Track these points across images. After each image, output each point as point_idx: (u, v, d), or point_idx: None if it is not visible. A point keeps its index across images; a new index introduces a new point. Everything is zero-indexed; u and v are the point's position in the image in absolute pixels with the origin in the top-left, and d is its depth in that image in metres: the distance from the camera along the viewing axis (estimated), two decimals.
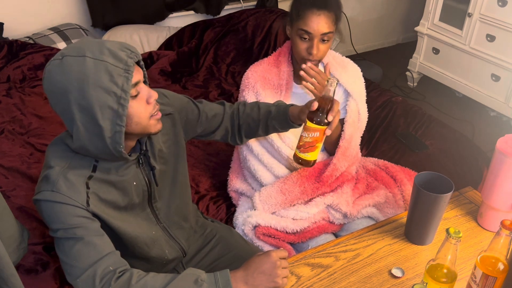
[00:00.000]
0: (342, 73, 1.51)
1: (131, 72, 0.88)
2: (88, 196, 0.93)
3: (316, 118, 1.09)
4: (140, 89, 0.93)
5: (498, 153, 1.11)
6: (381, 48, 4.04)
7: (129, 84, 0.87)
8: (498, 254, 0.90)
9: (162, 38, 2.74)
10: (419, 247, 1.16)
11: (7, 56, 2.29)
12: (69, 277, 0.93)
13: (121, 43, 0.91)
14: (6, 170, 1.72)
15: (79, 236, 0.91)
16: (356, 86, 1.54)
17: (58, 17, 2.57)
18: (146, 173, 1.06)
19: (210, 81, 2.57)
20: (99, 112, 0.86)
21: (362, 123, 1.58)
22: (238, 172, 1.68)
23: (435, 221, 1.12)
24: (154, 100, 0.96)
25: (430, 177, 1.13)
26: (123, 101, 0.87)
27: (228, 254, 1.31)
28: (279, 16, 2.77)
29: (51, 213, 0.92)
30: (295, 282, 1.06)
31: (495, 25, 2.65)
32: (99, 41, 0.90)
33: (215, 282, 0.95)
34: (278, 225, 1.46)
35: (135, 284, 0.91)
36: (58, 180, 0.91)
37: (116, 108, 0.87)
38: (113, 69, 0.86)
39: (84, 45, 0.88)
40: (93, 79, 0.85)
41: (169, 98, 1.13)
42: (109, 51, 0.87)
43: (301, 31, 1.35)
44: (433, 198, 1.07)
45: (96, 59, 0.85)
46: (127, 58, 0.88)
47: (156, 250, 1.12)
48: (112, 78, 0.86)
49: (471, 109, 3.06)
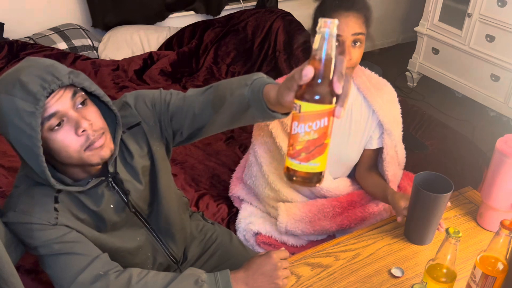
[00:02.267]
0: (377, 98, 1.34)
1: (40, 107, 0.78)
2: (56, 210, 0.89)
3: (314, 93, 0.64)
4: (66, 118, 0.83)
5: (497, 153, 1.11)
6: (381, 48, 4.05)
7: (38, 121, 0.78)
8: (498, 254, 0.90)
9: (162, 38, 2.74)
10: (419, 247, 1.16)
11: (7, 56, 2.29)
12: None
13: (48, 68, 0.82)
14: (6, 170, 1.72)
15: (58, 250, 0.88)
16: (392, 115, 1.37)
17: (59, 17, 2.57)
18: (122, 195, 0.98)
19: (210, 81, 2.58)
20: (22, 151, 0.82)
21: (401, 158, 1.43)
22: (241, 179, 1.64)
23: (435, 221, 1.12)
24: (83, 132, 0.84)
25: (429, 177, 1.13)
26: (35, 140, 0.79)
27: (227, 262, 1.29)
28: (279, 16, 2.77)
29: (22, 233, 0.89)
30: (295, 282, 1.06)
31: (495, 25, 2.65)
32: (19, 69, 0.82)
33: (215, 282, 0.94)
34: (279, 237, 1.44)
35: (136, 285, 0.90)
36: (20, 200, 0.88)
37: (31, 147, 0.80)
38: (20, 105, 0.78)
39: (2, 77, 0.82)
40: (6, 117, 0.79)
41: (133, 106, 0.99)
42: (20, 83, 0.79)
43: None
44: (433, 198, 1.07)
45: (7, 95, 0.79)
46: (38, 89, 0.78)
47: (140, 257, 1.08)
48: (19, 114, 0.78)
49: (470, 109, 3.06)
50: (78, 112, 0.85)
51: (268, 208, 1.51)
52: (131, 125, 0.98)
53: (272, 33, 2.70)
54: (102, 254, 0.93)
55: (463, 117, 2.97)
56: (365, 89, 1.34)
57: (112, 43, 2.61)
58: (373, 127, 1.37)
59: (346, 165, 1.46)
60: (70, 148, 0.84)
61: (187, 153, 1.99)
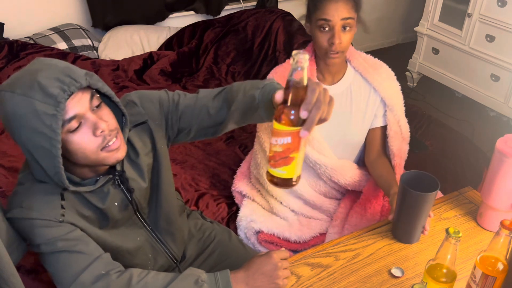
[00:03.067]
0: (375, 76, 1.41)
1: (61, 109, 0.79)
2: (63, 207, 0.90)
3: (281, 115, 0.75)
4: (84, 120, 0.85)
5: (497, 153, 1.11)
6: (381, 48, 4.05)
7: (59, 123, 0.79)
8: (498, 254, 0.90)
9: (162, 39, 2.74)
10: (419, 247, 1.16)
11: (7, 56, 2.29)
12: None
13: (64, 71, 0.82)
14: (6, 170, 1.72)
15: (61, 248, 0.89)
16: (393, 91, 1.44)
17: (59, 17, 2.57)
18: (127, 193, 1.00)
19: (210, 81, 2.58)
20: (35, 152, 0.82)
21: (405, 133, 1.47)
22: (245, 175, 1.65)
23: (421, 220, 1.12)
24: (101, 132, 0.86)
25: (416, 176, 1.12)
26: (54, 142, 0.80)
27: (226, 261, 1.29)
28: (279, 16, 2.77)
29: (26, 230, 0.89)
30: (295, 282, 1.06)
31: (495, 25, 2.65)
32: (35, 71, 0.81)
33: (215, 282, 0.94)
34: (281, 234, 1.44)
35: (136, 285, 0.91)
36: (26, 196, 0.89)
37: (49, 149, 0.80)
38: (40, 108, 0.78)
39: (18, 78, 0.81)
40: (22, 119, 0.79)
41: (139, 105, 1.01)
42: (39, 85, 0.79)
43: (320, 21, 1.27)
44: (418, 197, 1.07)
45: (24, 96, 0.79)
46: (58, 92, 0.79)
47: (140, 258, 1.09)
48: (39, 117, 0.79)
49: (470, 109, 3.06)
50: (95, 113, 0.86)
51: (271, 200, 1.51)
52: (136, 123, 1.00)
53: (272, 33, 2.70)
54: (104, 253, 0.94)
55: (463, 117, 2.97)
56: (363, 69, 1.40)
57: (112, 43, 2.61)
58: (376, 105, 1.42)
59: (350, 145, 1.48)
60: (87, 149, 0.86)
61: (187, 153, 1.99)
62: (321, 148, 1.42)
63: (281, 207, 1.52)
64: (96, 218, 0.97)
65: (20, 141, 0.83)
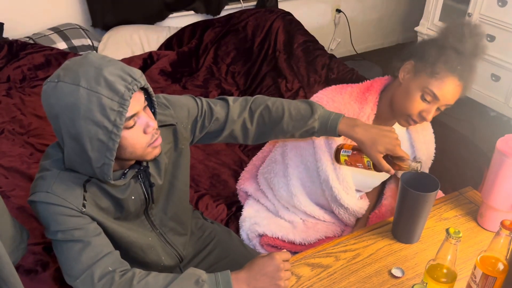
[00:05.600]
0: (420, 137, 1.40)
1: (126, 106, 0.83)
2: (85, 199, 0.92)
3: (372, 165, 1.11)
4: (138, 119, 0.89)
5: (498, 153, 1.11)
6: (381, 48, 4.04)
7: (123, 119, 0.83)
8: (498, 254, 0.90)
9: (162, 38, 2.74)
10: (419, 247, 1.16)
11: (7, 56, 2.29)
12: (68, 278, 0.93)
13: (124, 68, 0.85)
14: (6, 170, 1.72)
15: (78, 238, 0.91)
16: (428, 153, 1.44)
17: (58, 17, 2.57)
18: (146, 187, 1.04)
19: (210, 81, 2.57)
20: (89, 143, 0.83)
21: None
22: (252, 175, 1.63)
23: (421, 220, 1.12)
24: (152, 130, 0.91)
25: (416, 176, 1.12)
26: (114, 136, 0.83)
27: (226, 259, 1.30)
28: (279, 16, 2.77)
29: (47, 215, 0.91)
30: (295, 282, 1.06)
31: (495, 25, 2.65)
32: (99, 65, 0.83)
33: (216, 283, 0.94)
34: (285, 237, 1.42)
35: (137, 285, 0.91)
36: (54, 182, 0.90)
37: (106, 142, 0.83)
38: (106, 103, 0.81)
39: (81, 71, 0.82)
40: (84, 110, 0.81)
41: (171, 109, 1.06)
42: (105, 81, 0.81)
43: (429, 92, 1.18)
44: (418, 197, 1.07)
45: (89, 90, 0.80)
46: (124, 90, 0.82)
47: (152, 256, 1.11)
48: (104, 112, 0.81)
49: (471, 109, 3.05)
50: (145, 112, 0.91)
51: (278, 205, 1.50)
52: (165, 124, 1.03)
53: (272, 33, 2.70)
54: (114, 251, 0.96)
55: (463, 117, 2.97)
56: (412, 127, 1.38)
57: (112, 43, 2.61)
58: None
59: (371, 188, 1.51)
60: (137, 145, 0.90)
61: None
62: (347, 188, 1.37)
63: (287, 211, 1.50)
64: (113, 209, 0.99)
65: (70, 130, 0.83)
